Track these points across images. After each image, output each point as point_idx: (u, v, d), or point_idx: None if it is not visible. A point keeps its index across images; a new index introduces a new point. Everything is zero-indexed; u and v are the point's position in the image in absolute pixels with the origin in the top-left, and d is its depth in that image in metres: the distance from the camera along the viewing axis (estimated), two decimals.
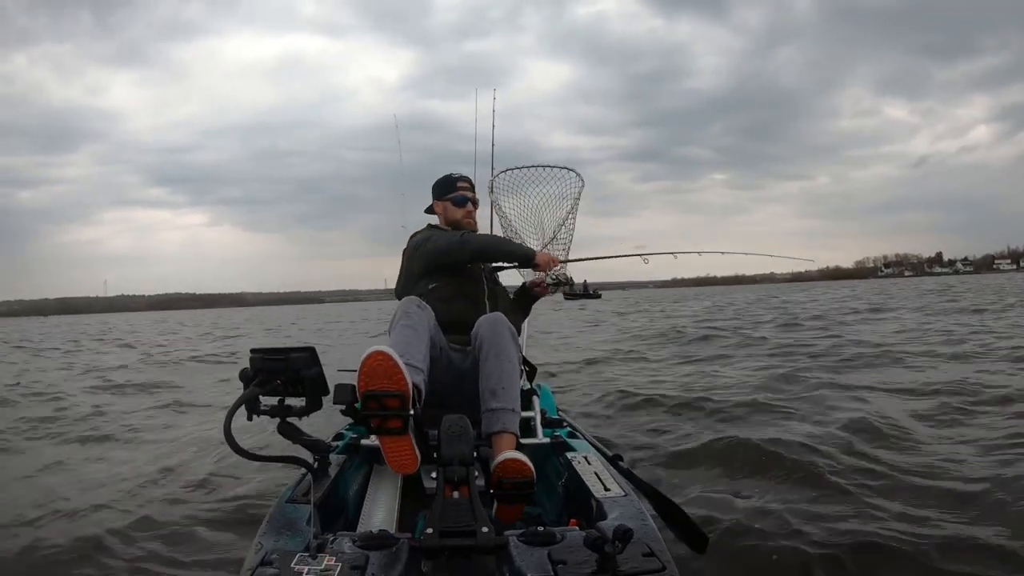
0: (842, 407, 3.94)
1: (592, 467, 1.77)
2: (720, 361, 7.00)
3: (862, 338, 8.20)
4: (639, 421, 4.02)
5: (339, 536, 1.26)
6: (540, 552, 1.20)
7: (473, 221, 2.44)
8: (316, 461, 1.66)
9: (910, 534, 2.12)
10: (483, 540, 1.22)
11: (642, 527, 1.32)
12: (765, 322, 12.64)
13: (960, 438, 3.26)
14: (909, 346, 7.16)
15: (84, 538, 2.35)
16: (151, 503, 2.73)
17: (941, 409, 3.86)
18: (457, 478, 1.37)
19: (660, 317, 17.14)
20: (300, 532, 1.33)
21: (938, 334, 8.49)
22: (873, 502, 2.41)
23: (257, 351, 1.47)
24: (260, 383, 1.42)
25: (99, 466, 3.41)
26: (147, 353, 11.89)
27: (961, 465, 2.76)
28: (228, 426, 1.29)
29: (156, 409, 5.19)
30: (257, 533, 1.36)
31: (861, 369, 5.75)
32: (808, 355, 6.84)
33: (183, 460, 3.45)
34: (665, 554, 1.20)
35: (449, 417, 1.50)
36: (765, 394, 4.53)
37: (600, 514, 1.47)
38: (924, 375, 5.22)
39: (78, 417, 4.86)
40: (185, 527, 2.44)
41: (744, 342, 8.72)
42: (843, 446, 3.05)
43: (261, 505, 2.56)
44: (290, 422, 1.50)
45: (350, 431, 2.18)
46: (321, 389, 1.52)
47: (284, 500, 1.51)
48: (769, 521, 2.30)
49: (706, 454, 3.12)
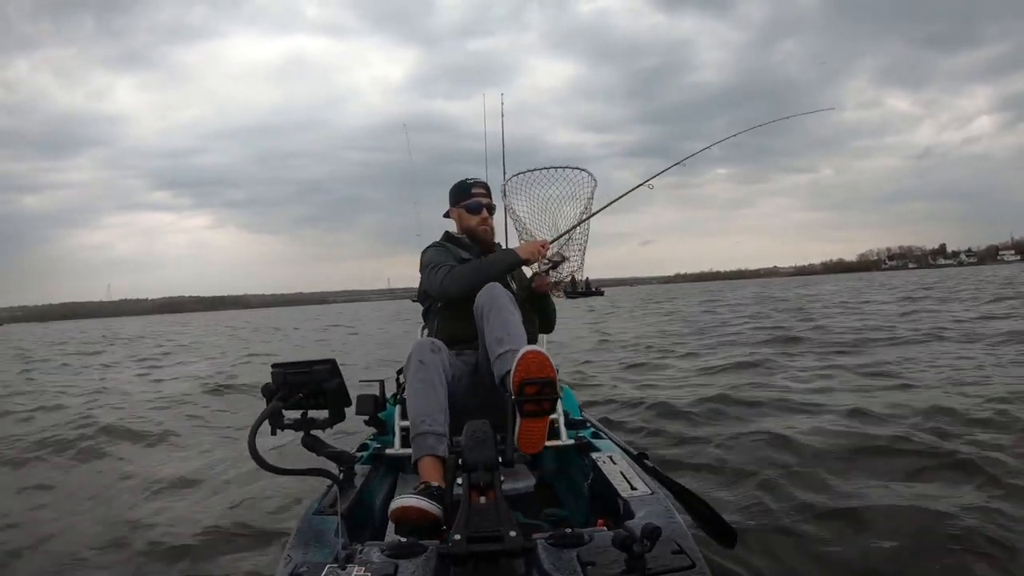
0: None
1: (618, 467, 1.76)
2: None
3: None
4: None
5: (367, 546, 1.26)
6: (569, 554, 1.20)
7: (489, 228, 2.40)
8: (341, 472, 1.67)
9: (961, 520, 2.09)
10: (511, 544, 1.21)
11: (670, 525, 1.31)
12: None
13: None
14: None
15: (111, 552, 2.39)
16: (178, 518, 2.76)
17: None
18: (483, 483, 1.37)
19: (731, 315, 14.87)
20: (328, 543, 1.33)
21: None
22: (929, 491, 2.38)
23: (278, 366, 1.48)
24: (283, 397, 1.44)
25: (127, 482, 3.45)
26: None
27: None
28: (252, 441, 1.30)
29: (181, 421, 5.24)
30: (286, 546, 1.37)
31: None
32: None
33: (210, 475, 3.48)
34: (695, 551, 1.19)
35: (473, 422, 1.50)
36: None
37: (627, 513, 1.46)
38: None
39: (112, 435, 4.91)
40: (213, 542, 2.47)
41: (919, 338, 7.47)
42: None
43: (288, 518, 2.58)
44: (314, 435, 1.51)
45: (374, 441, 2.19)
46: (343, 400, 1.54)
47: (311, 512, 1.52)
48: (797, 515, 2.28)
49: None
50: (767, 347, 7.73)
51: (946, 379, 4.69)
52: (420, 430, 1.73)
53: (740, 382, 5.15)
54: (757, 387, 4.88)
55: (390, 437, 2.09)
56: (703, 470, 2.94)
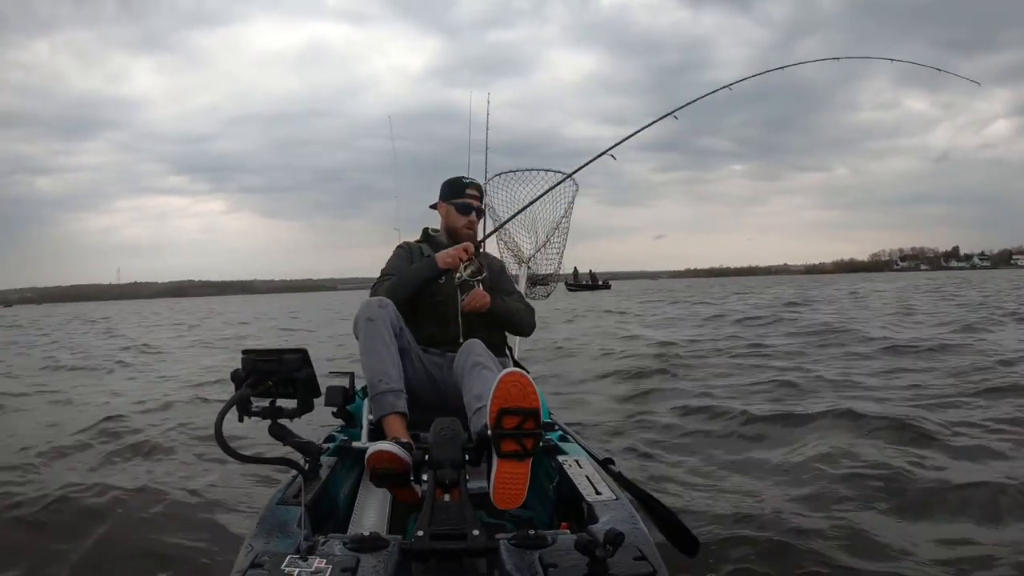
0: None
1: (583, 471, 1.77)
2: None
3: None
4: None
5: (330, 538, 1.25)
6: (531, 555, 1.20)
7: (474, 232, 2.34)
8: (307, 463, 1.66)
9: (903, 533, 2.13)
10: (474, 543, 1.22)
11: (633, 531, 1.32)
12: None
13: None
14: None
15: (65, 538, 2.34)
16: (137, 503, 2.71)
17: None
18: (448, 481, 1.37)
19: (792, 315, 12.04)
20: (291, 534, 1.32)
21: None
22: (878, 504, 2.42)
23: (249, 352, 1.46)
24: (251, 384, 1.42)
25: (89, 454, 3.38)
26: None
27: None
28: (219, 427, 1.29)
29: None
30: (248, 535, 1.36)
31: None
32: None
33: (172, 458, 3.43)
34: (656, 558, 1.20)
35: (440, 420, 1.50)
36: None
37: (591, 518, 1.47)
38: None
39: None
40: (173, 528, 2.43)
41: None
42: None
43: (251, 507, 2.55)
44: (281, 424, 1.49)
45: (341, 433, 2.17)
46: (313, 391, 1.52)
47: (275, 502, 1.50)
48: (761, 524, 2.31)
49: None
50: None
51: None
52: (378, 389, 1.76)
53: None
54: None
55: (357, 431, 2.08)
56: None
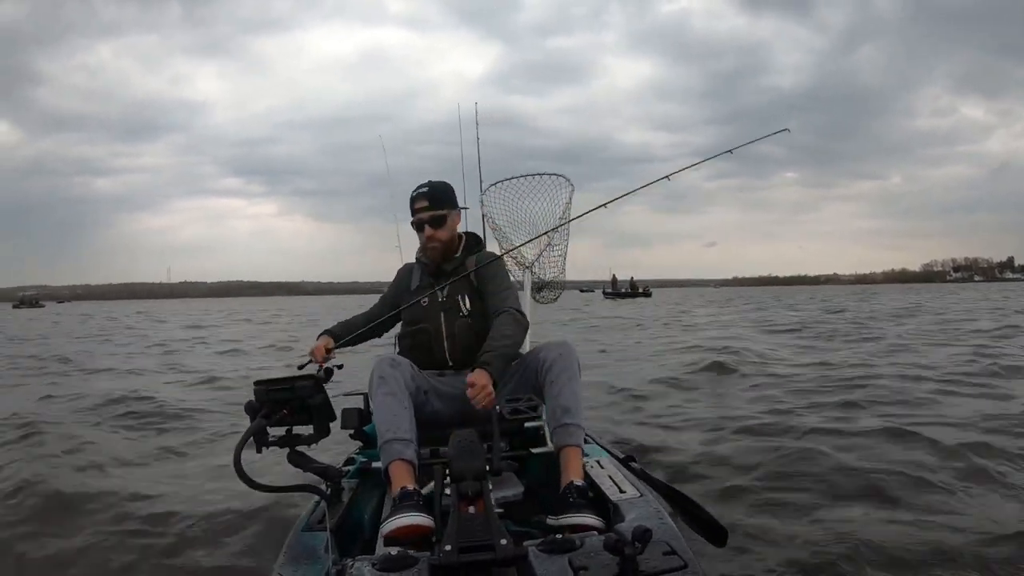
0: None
1: (606, 470, 1.77)
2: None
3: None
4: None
5: (358, 560, 1.25)
6: (560, 559, 1.20)
7: (438, 244, 2.12)
8: (329, 487, 1.66)
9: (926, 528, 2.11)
10: (503, 553, 1.21)
11: (661, 526, 1.32)
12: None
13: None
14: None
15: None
16: (161, 541, 2.70)
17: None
18: (471, 492, 1.37)
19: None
20: (319, 560, 1.32)
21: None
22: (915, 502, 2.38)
23: (261, 383, 1.47)
24: (266, 415, 1.43)
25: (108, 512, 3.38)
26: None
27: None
28: (238, 460, 1.29)
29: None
30: (276, 564, 1.36)
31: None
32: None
33: (193, 494, 3.42)
34: (686, 551, 1.19)
35: (459, 432, 1.50)
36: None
37: (618, 516, 1.47)
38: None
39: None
40: (200, 564, 2.42)
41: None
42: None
43: (277, 536, 2.54)
44: (299, 451, 1.50)
45: (360, 455, 2.17)
46: (328, 415, 1.53)
47: (300, 529, 1.50)
48: (789, 513, 2.29)
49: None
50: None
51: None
52: (386, 438, 1.76)
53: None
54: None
55: (376, 451, 2.08)
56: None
